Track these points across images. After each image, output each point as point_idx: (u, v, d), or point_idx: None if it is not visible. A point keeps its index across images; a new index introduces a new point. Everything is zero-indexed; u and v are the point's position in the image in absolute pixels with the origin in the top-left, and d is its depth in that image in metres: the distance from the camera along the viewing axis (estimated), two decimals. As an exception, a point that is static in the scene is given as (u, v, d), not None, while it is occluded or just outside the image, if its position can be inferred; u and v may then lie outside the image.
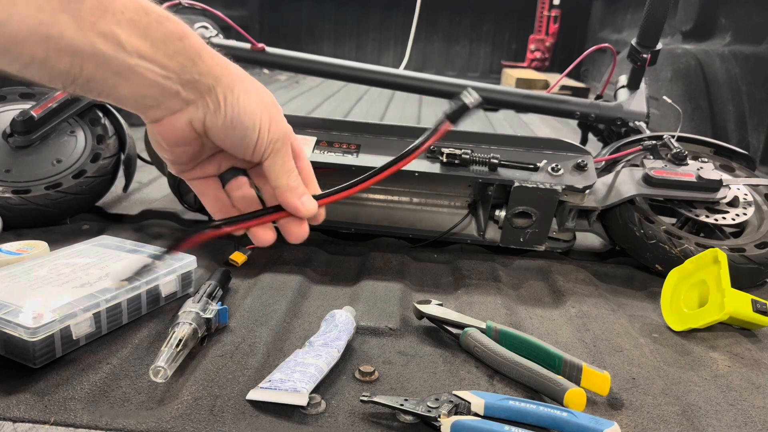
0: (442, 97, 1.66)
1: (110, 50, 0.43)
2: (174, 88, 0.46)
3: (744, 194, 1.19)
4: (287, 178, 0.53)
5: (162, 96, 0.47)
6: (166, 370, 0.67)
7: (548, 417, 0.63)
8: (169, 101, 0.47)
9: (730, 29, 2.20)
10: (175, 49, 0.45)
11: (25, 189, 1.10)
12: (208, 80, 0.47)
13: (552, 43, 4.34)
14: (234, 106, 0.48)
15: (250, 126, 0.49)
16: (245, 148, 0.50)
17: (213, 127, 0.49)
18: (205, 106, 0.48)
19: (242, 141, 0.50)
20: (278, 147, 0.52)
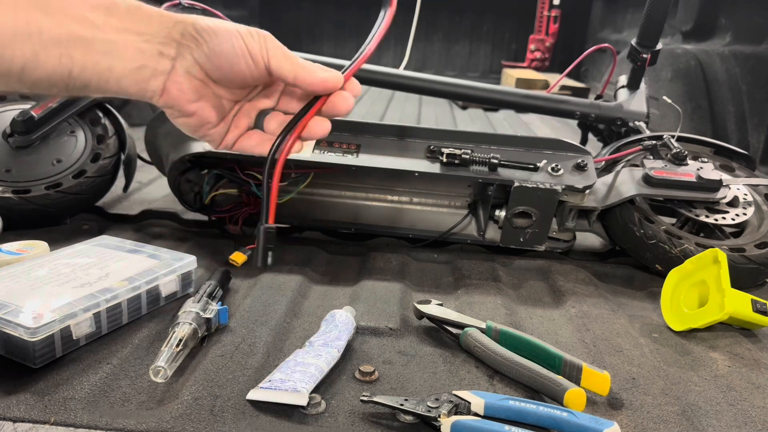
0: (442, 97, 1.66)
1: (89, 32, 0.47)
2: (155, 49, 0.50)
3: (744, 194, 1.19)
4: (299, 66, 0.54)
5: (150, 61, 0.50)
6: (166, 370, 0.67)
7: (548, 417, 0.63)
8: (158, 64, 0.50)
9: (730, 29, 2.20)
10: (138, 16, 0.49)
11: (25, 189, 1.10)
12: (176, 28, 0.50)
13: (552, 43, 4.34)
14: (208, 32, 0.51)
15: (232, 39, 0.51)
16: (245, 63, 0.52)
17: (206, 62, 0.51)
18: (189, 50, 0.51)
19: (236, 56, 0.52)
20: (269, 45, 0.53)
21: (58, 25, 0.46)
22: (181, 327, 0.74)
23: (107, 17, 0.48)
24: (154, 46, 0.50)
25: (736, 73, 2.02)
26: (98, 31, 0.48)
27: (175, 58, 0.51)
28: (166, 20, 0.50)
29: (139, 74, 0.50)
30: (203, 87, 0.53)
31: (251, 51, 0.52)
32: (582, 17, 4.41)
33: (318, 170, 1.14)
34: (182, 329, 0.73)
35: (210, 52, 0.51)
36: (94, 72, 0.48)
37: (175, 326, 0.74)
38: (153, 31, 0.50)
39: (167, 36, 0.50)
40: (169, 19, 0.51)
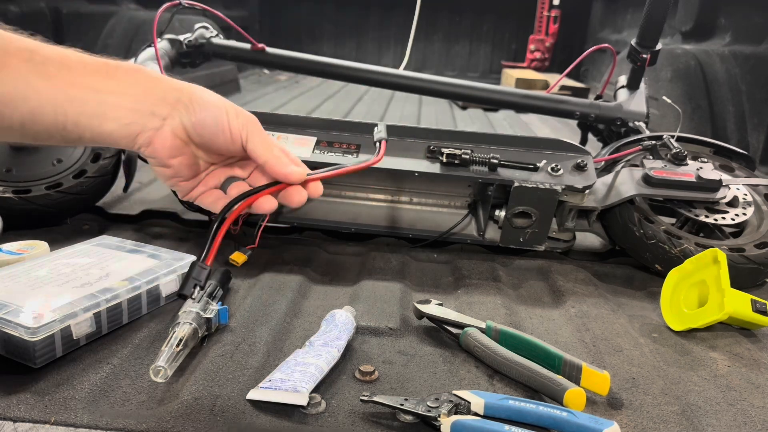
0: (442, 97, 1.67)
1: (84, 93, 0.54)
2: (147, 109, 0.56)
3: (743, 194, 1.19)
4: (270, 152, 0.60)
5: (141, 119, 0.56)
6: (166, 369, 0.67)
7: (548, 417, 0.63)
8: (148, 122, 0.56)
9: (730, 29, 2.20)
10: (137, 81, 0.56)
11: (25, 189, 1.10)
12: (172, 94, 0.57)
13: (552, 44, 4.35)
14: (199, 104, 0.58)
15: (217, 115, 0.58)
16: (223, 137, 0.59)
17: (191, 128, 0.58)
18: (179, 114, 0.57)
19: (217, 130, 0.58)
20: (251, 128, 0.59)
21: (53, 87, 0.52)
22: (182, 327, 0.74)
23: (106, 80, 0.54)
24: (148, 107, 0.56)
25: (735, 73, 2.02)
26: (94, 93, 0.54)
27: (165, 119, 0.57)
28: (164, 85, 0.57)
29: (129, 129, 0.56)
30: (184, 147, 0.59)
31: (232, 129, 0.58)
32: (582, 17, 4.42)
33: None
34: (182, 329, 0.73)
35: (196, 121, 0.57)
36: (87, 127, 0.55)
37: (176, 326, 0.74)
38: (149, 93, 0.56)
39: (162, 99, 0.56)
40: (168, 84, 0.57)
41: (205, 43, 1.54)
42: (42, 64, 0.52)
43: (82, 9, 2.23)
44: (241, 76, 3.57)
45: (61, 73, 0.53)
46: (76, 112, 0.54)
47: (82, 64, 0.55)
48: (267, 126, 1.13)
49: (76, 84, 0.53)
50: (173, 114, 0.57)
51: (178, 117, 0.57)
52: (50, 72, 0.53)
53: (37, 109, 0.52)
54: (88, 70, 0.54)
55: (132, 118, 0.55)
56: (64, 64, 0.53)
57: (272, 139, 0.61)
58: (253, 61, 1.62)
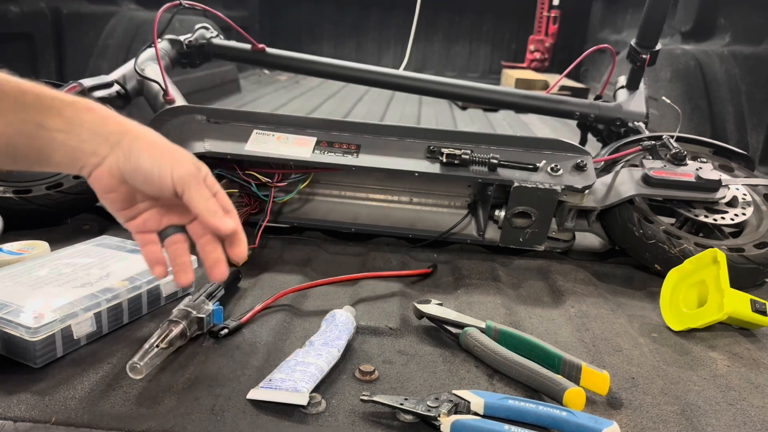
0: (442, 97, 1.67)
1: (34, 130, 0.58)
2: (90, 148, 0.60)
3: (743, 194, 1.19)
4: (205, 205, 0.62)
5: (84, 156, 0.60)
6: (141, 366, 0.67)
7: (548, 416, 0.63)
8: (90, 158, 0.61)
9: (730, 29, 2.20)
10: (84, 120, 0.60)
11: (26, 189, 1.10)
12: (115, 137, 0.61)
13: (551, 44, 4.35)
14: (137, 153, 0.61)
15: (151, 168, 0.61)
16: (156, 187, 0.62)
17: (126, 171, 0.61)
18: (117, 156, 0.61)
19: (150, 180, 0.61)
20: (188, 181, 0.62)
21: (5, 123, 0.57)
22: (169, 325, 0.74)
23: (55, 119, 0.58)
24: (90, 147, 0.60)
25: (735, 74, 2.02)
26: (43, 130, 0.58)
27: (105, 158, 0.61)
28: (110, 127, 0.61)
29: (72, 164, 0.61)
30: (119, 185, 0.63)
31: (162, 182, 0.61)
32: (581, 18, 4.42)
33: (318, 170, 1.14)
34: (168, 327, 0.74)
35: (131, 168, 0.61)
36: (35, 160, 0.60)
37: (164, 324, 0.75)
38: (94, 134, 0.60)
39: (105, 139, 0.60)
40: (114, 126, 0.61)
41: (205, 44, 1.54)
42: None
43: (83, 9, 2.23)
44: (242, 76, 3.58)
45: (15, 110, 0.57)
46: (25, 146, 0.59)
47: (36, 101, 0.58)
48: (267, 126, 1.14)
49: (27, 120, 0.58)
50: (111, 155, 0.61)
51: (115, 160, 0.61)
52: (5, 108, 0.57)
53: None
54: (40, 107, 0.58)
55: (75, 154, 0.60)
56: (19, 101, 0.58)
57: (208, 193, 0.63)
58: (254, 62, 1.62)
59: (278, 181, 1.12)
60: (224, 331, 0.79)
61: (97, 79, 1.28)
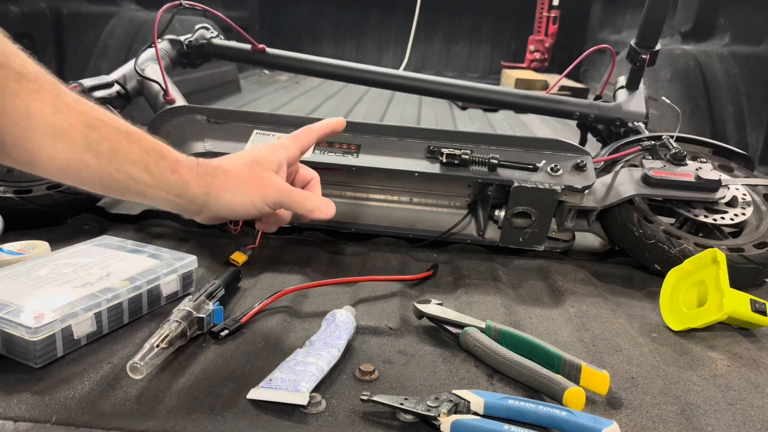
0: (442, 97, 1.67)
1: (125, 179, 0.62)
2: (181, 205, 0.66)
3: (743, 194, 1.19)
4: (304, 208, 0.72)
5: (177, 208, 0.67)
6: (142, 367, 0.68)
7: (547, 416, 0.63)
8: (184, 212, 0.69)
9: (729, 30, 2.20)
10: (169, 183, 0.64)
11: (26, 189, 1.11)
12: (200, 200, 0.67)
13: (551, 44, 4.35)
14: (227, 207, 0.68)
15: (246, 211, 0.69)
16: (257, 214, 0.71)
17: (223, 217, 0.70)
18: (209, 212, 0.68)
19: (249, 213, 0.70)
20: (281, 200, 0.70)
21: (100, 167, 0.60)
22: (169, 325, 0.74)
23: (145, 174, 0.62)
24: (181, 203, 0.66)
25: (735, 74, 2.02)
26: (133, 181, 0.62)
27: (199, 213, 0.68)
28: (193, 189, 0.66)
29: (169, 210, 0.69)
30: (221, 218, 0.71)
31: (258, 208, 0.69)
32: (581, 18, 4.42)
33: (318, 170, 1.14)
34: (168, 327, 0.74)
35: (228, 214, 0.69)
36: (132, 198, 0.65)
37: (164, 324, 0.75)
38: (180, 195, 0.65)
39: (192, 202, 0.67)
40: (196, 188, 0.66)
41: (205, 44, 1.55)
42: (96, 143, 0.60)
43: (83, 9, 2.23)
44: (242, 76, 3.58)
45: (108, 156, 0.60)
46: (118, 190, 0.63)
47: (127, 150, 0.62)
48: (267, 126, 1.14)
49: (120, 170, 0.61)
50: (204, 211, 0.68)
51: (209, 214, 0.69)
52: (102, 151, 0.60)
53: (85, 180, 0.61)
54: (131, 158, 0.62)
55: (167, 206, 0.66)
56: (112, 147, 0.61)
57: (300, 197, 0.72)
58: (254, 62, 1.62)
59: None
60: (224, 331, 0.80)
61: (98, 79, 1.28)
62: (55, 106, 0.58)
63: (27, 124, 0.57)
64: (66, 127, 0.58)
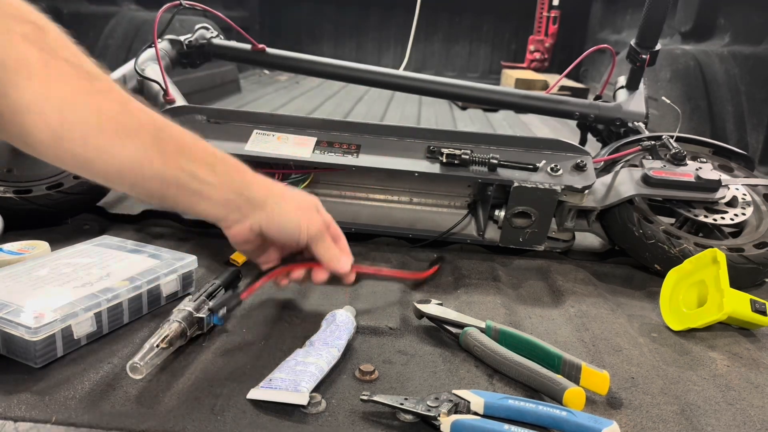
0: (442, 97, 1.67)
1: (187, 178, 0.63)
2: (236, 205, 0.68)
3: (743, 194, 1.19)
4: (329, 255, 0.76)
5: (228, 211, 0.68)
6: (142, 367, 0.68)
7: (547, 416, 0.63)
8: (233, 214, 0.69)
9: (729, 30, 2.20)
10: (233, 180, 0.67)
11: (26, 189, 1.10)
12: (259, 199, 0.69)
13: (551, 44, 4.35)
14: (280, 215, 0.70)
15: (292, 228, 0.72)
16: (293, 242, 0.73)
17: (267, 230, 0.71)
18: (260, 217, 0.70)
19: (289, 238, 0.72)
20: (317, 237, 0.74)
21: (165, 164, 0.62)
22: (169, 325, 0.74)
23: (207, 172, 0.64)
24: (235, 204, 0.68)
25: (735, 74, 2.02)
26: (195, 180, 0.64)
27: (247, 216, 0.69)
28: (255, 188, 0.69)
29: (215, 214, 0.69)
30: (256, 238, 0.73)
31: (301, 239, 0.73)
32: (581, 18, 4.42)
33: (318, 170, 1.14)
34: (168, 327, 0.74)
35: (273, 229, 0.71)
36: (181, 203, 0.66)
37: (164, 324, 0.75)
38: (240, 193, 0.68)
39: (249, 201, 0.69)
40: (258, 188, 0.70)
41: (205, 44, 1.55)
42: (164, 141, 0.62)
43: (83, 9, 2.23)
44: (242, 76, 3.58)
45: (175, 154, 0.63)
46: (174, 192, 0.64)
47: (193, 150, 0.64)
48: (267, 126, 1.14)
49: (184, 168, 0.63)
50: (254, 214, 0.69)
51: (258, 219, 0.69)
52: (168, 150, 0.62)
53: (147, 180, 0.63)
54: (197, 157, 0.64)
55: (219, 208, 0.68)
56: (179, 147, 0.63)
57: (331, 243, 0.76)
58: (254, 62, 1.62)
59: (278, 181, 1.12)
60: (223, 309, 0.80)
61: (98, 79, 1.28)
62: (125, 107, 0.60)
63: (97, 121, 0.58)
64: (136, 126, 0.60)
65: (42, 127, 0.57)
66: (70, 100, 0.58)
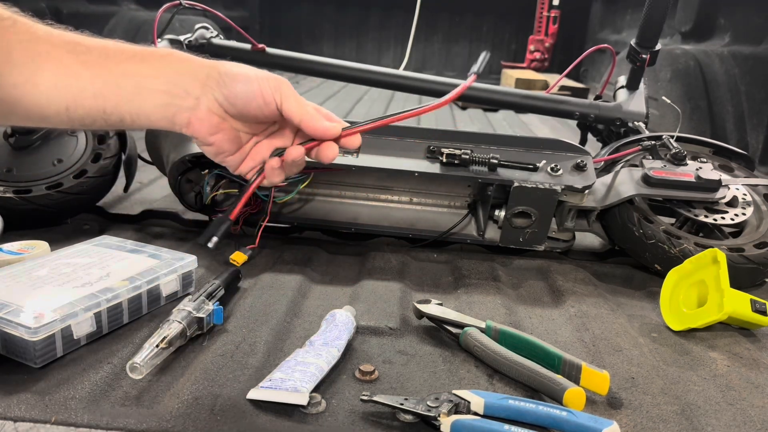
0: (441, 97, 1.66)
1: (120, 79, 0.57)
2: (180, 89, 0.59)
3: (743, 194, 1.19)
4: (304, 110, 0.62)
5: (175, 99, 0.59)
6: (142, 367, 0.67)
7: (548, 416, 0.63)
8: (183, 102, 0.59)
9: (729, 30, 2.20)
10: (167, 63, 0.59)
11: (26, 189, 1.10)
12: (202, 71, 0.60)
13: (551, 44, 4.34)
14: (228, 76, 0.60)
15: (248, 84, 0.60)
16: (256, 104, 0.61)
17: (224, 101, 0.60)
18: (211, 90, 0.60)
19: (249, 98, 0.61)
20: (284, 90, 0.62)
21: (93, 74, 0.57)
22: (168, 325, 0.74)
23: (140, 65, 0.58)
24: (180, 87, 0.59)
25: (735, 74, 2.02)
26: (129, 77, 0.58)
27: (199, 97, 0.60)
28: (194, 64, 0.60)
29: (165, 111, 0.59)
30: (222, 122, 0.62)
31: (264, 94, 0.61)
32: (581, 18, 4.42)
33: (318, 170, 1.14)
34: (168, 327, 0.74)
35: (228, 94, 0.60)
36: (125, 110, 0.59)
37: (164, 324, 0.75)
38: (180, 74, 0.59)
39: (193, 77, 0.60)
40: (197, 63, 0.61)
41: (205, 44, 1.55)
42: (84, 54, 0.56)
43: (83, 9, 2.23)
44: (241, 76, 3.57)
45: (100, 61, 0.57)
46: (114, 96, 0.58)
47: (119, 52, 0.58)
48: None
49: (113, 71, 0.57)
50: (205, 91, 0.60)
51: (210, 93, 0.60)
52: (91, 61, 0.57)
53: (78, 95, 0.56)
54: (125, 57, 0.58)
55: (166, 99, 0.59)
56: (103, 53, 0.57)
57: (304, 99, 0.63)
58: (254, 62, 1.62)
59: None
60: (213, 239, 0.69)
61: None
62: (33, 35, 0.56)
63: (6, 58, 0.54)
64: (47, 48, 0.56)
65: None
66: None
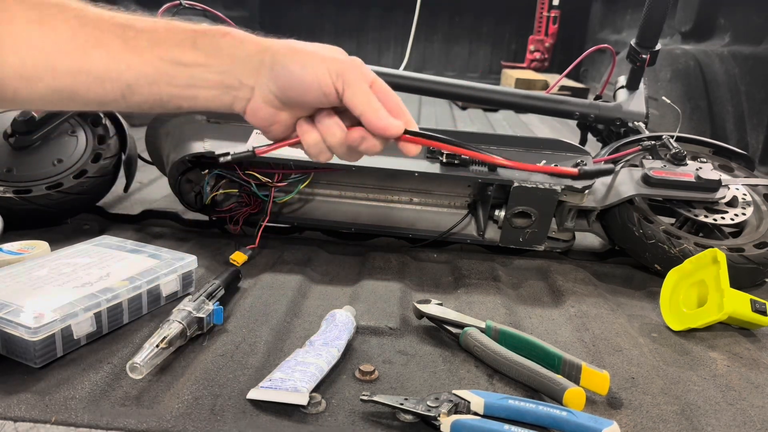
0: (442, 97, 1.66)
1: (172, 69, 0.55)
2: (234, 79, 0.56)
3: (743, 194, 1.19)
4: (367, 104, 0.57)
5: (230, 90, 0.57)
6: (142, 367, 0.68)
7: (548, 416, 0.63)
8: (239, 92, 0.57)
9: (729, 30, 2.20)
10: (219, 48, 0.56)
11: (26, 189, 1.10)
12: (256, 58, 0.56)
13: (551, 44, 4.34)
14: (284, 65, 0.55)
15: (304, 73, 0.55)
16: (313, 95, 0.56)
17: (278, 92, 0.56)
18: (265, 81, 0.56)
19: (304, 89, 0.56)
20: (347, 78, 0.56)
21: (144, 63, 0.54)
22: (169, 325, 0.74)
23: (192, 52, 0.55)
24: (234, 77, 0.56)
25: (735, 74, 2.02)
26: (182, 67, 0.55)
27: (254, 88, 0.57)
28: (247, 49, 0.56)
29: (221, 99, 0.58)
30: (278, 113, 0.59)
31: (322, 84, 0.55)
32: (581, 18, 4.41)
33: (318, 170, 1.14)
34: (168, 327, 0.74)
35: (282, 85, 0.56)
36: (182, 99, 0.57)
37: (164, 324, 0.75)
38: (233, 61, 0.56)
39: (246, 65, 0.56)
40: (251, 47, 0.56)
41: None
42: (133, 39, 0.54)
43: (82, 9, 2.23)
44: (241, 76, 3.57)
45: (151, 48, 0.54)
46: (168, 86, 0.56)
47: (170, 35, 0.55)
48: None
49: (164, 58, 0.55)
50: (259, 82, 0.57)
51: (265, 85, 0.56)
52: (140, 47, 0.54)
53: (133, 83, 0.55)
54: (175, 41, 0.55)
55: (220, 89, 0.57)
56: (153, 38, 0.55)
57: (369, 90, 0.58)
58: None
59: (278, 181, 1.12)
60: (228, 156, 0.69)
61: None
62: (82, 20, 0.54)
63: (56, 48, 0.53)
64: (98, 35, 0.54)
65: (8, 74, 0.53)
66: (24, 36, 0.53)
